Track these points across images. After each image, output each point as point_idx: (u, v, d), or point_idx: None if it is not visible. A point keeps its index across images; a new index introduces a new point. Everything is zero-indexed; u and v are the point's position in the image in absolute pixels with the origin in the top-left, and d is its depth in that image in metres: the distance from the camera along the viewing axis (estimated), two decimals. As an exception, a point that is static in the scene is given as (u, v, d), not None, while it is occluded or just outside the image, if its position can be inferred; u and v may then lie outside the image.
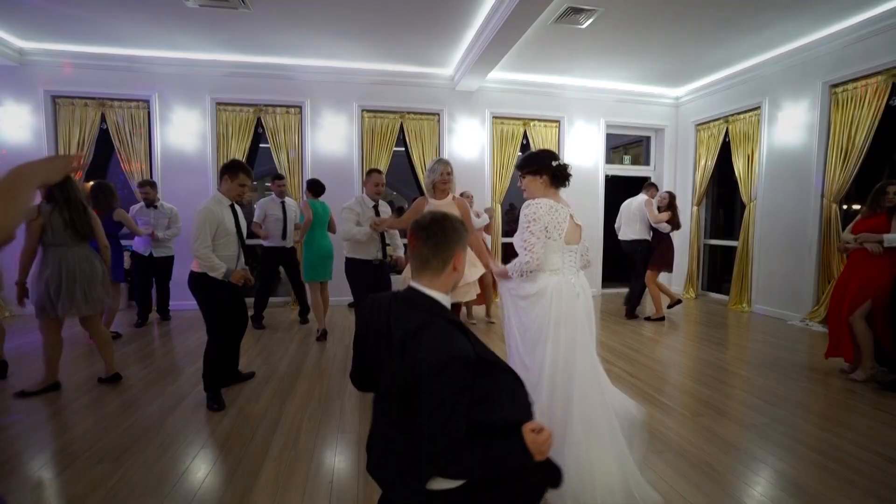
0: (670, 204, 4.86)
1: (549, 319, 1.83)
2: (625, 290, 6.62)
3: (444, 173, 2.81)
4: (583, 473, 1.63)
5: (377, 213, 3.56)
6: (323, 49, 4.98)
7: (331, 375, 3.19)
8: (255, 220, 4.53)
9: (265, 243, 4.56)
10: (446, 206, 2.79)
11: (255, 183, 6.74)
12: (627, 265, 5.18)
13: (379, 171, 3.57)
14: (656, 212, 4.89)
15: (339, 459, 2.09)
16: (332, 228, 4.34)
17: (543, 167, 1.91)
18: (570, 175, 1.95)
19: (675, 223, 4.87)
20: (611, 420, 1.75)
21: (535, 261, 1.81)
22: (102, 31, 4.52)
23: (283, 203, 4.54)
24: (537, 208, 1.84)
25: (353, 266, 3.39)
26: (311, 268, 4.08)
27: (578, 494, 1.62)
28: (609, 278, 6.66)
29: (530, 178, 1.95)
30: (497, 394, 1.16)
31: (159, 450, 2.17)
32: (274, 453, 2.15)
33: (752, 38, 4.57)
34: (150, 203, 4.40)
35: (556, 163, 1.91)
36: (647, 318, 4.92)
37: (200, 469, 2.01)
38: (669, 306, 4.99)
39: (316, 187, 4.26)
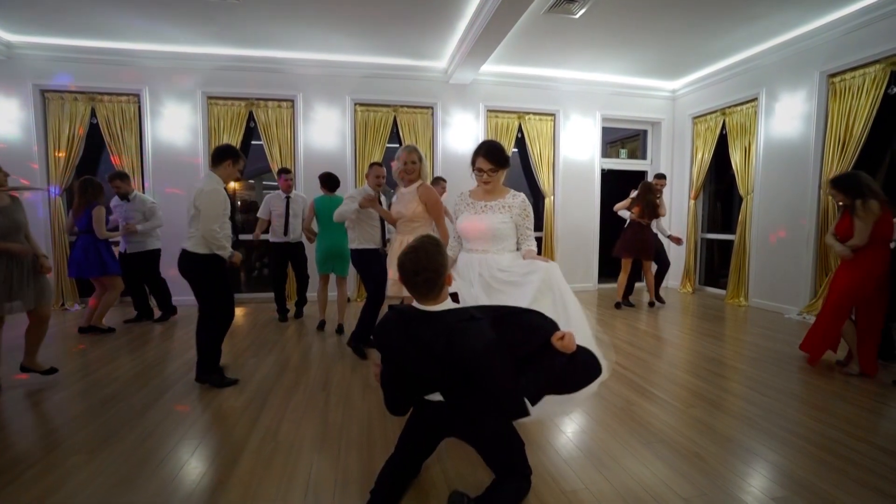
0: (638, 194, 5.01)
1: None
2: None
3: (407, 162, 2.78)
4: None
5: (379, 201, 3.58)
6: (314, 42, 4.93)
7: (318, 368, 3.14)
8: (259, 214, 4.53)
9: (272, 238, 4.54)
10: (410, 193, 2.78)
11: (252, 181, 6.76)
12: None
13: (380, 164, 3.61)
14: (625, 202, 5.15)
15: (319, 451, 2.04)
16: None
17: (510, 162, 2.11)
18: None
19: (640, 213, 4.97)
20: None
21: None
22: (91, 25, 4.47)
23: (287, 198, 4.48)
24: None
25: (365, 255, 3.44)
26: (318, 263, 4.07)
27: None
28: (605, 273, 6.60)
29: (502, 172, 2.07)
30: (522, 332, 1.53)
31: (136, 441, 2.12)
32: (253, 445, 2.10)
33: (748, 28, 4.50)
34: (124, 196, 4.26)
35: None
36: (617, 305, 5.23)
37: (175, 461, 1.96)
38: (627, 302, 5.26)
39: (325, 182, 4.09)
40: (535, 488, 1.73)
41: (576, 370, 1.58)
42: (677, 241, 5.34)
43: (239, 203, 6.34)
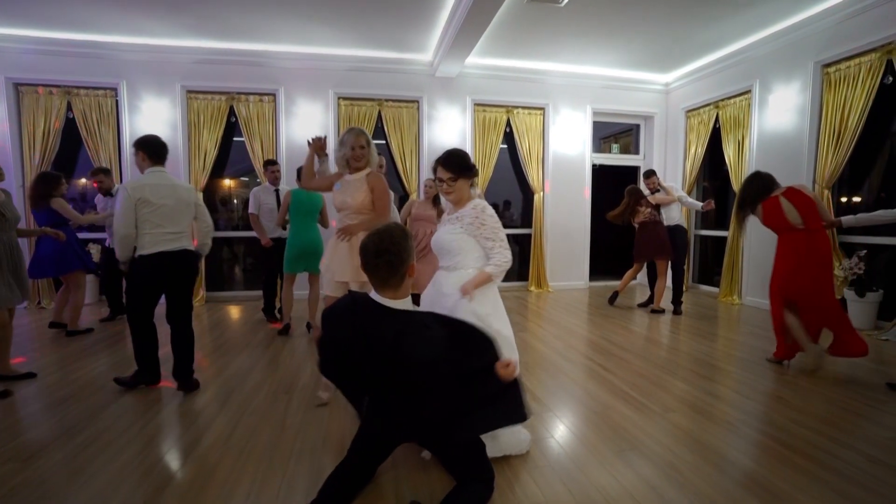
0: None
1: (495, 312, 1.92)
2: (612, 283, 6.47)
3: (356, 147, 2.32)
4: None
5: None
6: (295, 34, 4.80)
7: (286, 369, 3.02)
8: (250, 211, 4.22)
9: (286, 234, 4.16)
10: (358, 181, 2.38)
11: (245, 179, 6.63)
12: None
13: (378, 153, 3.42)
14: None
15: (270, 458, 1.91)
16: (323, 222, 3.94)
17: (473, 170, 1.96)
18: None
19: (621, 217, 4.79)
20: None
21: (510, 258, 1.89)
22: (65, 16, 4.35)
23: (276, 191, 4.29)
24: (489, 208, 1.92)
25: None
26: (287, 260, 3.81)
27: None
28: (596, 272, 6.47)
29: (464, 182, 1.93)
30: (471, 351, 1.48)
31: (78, 448, 2.00)
32: (200, 451, 1.98)
33: (740, 17, 4.35)
34: (107, 192, 4.15)
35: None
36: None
37: (112, 470, 1.83)
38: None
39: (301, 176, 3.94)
40: (491, 500, 1.60)
41: (506, 404, 1.55)
42: (708, 205, 4.78)
43: (235, 200, 6.19)
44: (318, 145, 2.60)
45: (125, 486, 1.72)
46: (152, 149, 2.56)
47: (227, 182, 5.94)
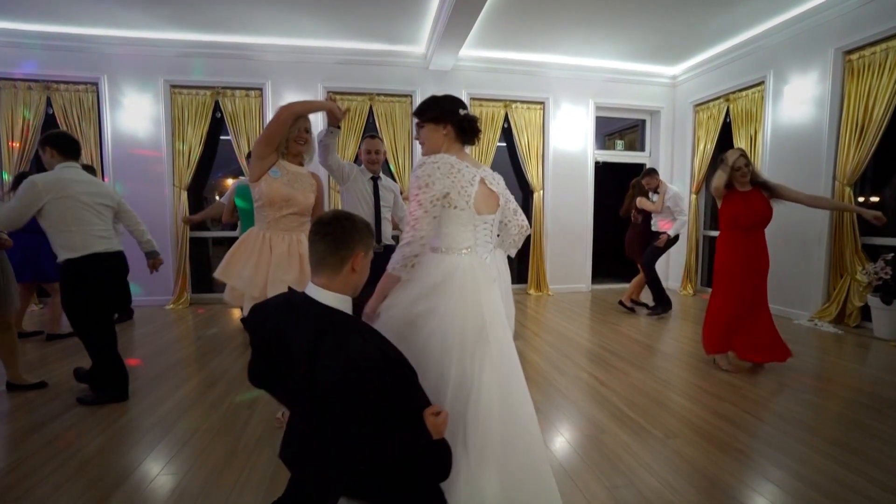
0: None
1: (456, 319, 1.39)
2: (615, 286, 6.19)
3: (301, 129, 2.00)
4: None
5: (376, 188, 2.99)
6: (281, 25, 4.60)
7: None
8: (222, 199, 3.88)
9: (237, 232, 3.91)
10: (306, 177, 2.06)
11: (243, 178, 6.36)
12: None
13: (372, 136, 3.05)
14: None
15: (215, 484, 1.69)
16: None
17: (447, 113, 1.48)
18: (479, 130, 1.54)
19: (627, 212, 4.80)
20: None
21: (418, 242, 1.37)
22: (42, 7, 4.18)
23: None
24: (432, 168, 1.39)
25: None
26: None
27: None
28: (600, 274, 6.18)
29: (431, 128, 1.51)
30: (400, 388, 1.21)
31: (11, 465, 1.82)
32: (139, 473, 1.76)
33: (754, 2, 4.04)
34: None
35: (464, 111, 1.50)
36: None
37: (43, 491, 1.63)
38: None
39: None
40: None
41: (429, 463, 1.23)
42: (661, 240, 4.44)
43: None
44: (335, 108, 2.11)
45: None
46: (65, 142, 2.38)
47: (228, 181, 5.75)
